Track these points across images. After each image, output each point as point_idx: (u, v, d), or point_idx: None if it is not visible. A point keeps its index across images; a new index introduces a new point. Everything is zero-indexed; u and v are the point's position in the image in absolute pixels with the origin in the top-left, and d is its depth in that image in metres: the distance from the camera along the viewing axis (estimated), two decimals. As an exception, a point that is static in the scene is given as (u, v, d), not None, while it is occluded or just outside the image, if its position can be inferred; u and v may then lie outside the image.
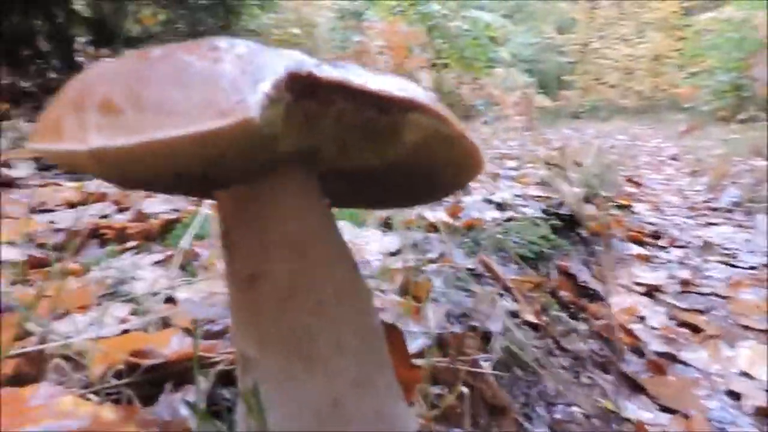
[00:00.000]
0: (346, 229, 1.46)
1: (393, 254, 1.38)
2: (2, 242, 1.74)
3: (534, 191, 2.53)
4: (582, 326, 1.48)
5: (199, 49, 0.45)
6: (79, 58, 6.17)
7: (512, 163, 3.64)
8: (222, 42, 0.48)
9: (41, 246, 1.79)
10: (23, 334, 0.78)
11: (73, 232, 1.79)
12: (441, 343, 0.94)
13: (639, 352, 1.54)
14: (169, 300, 1.03)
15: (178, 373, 0.73)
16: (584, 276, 1.75)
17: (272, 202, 0.53)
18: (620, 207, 3.35)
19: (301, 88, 0.47)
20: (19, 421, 0.57)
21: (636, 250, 2.59)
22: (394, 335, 0.66)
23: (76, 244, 1.55)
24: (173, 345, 0.77)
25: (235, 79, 0.41)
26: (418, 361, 0.81)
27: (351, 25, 13.49)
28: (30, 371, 0.72)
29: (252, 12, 11.79)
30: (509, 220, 1.89)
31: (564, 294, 1.54)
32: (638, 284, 2.08)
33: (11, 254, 1.63)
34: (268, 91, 0.41)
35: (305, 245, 0.54)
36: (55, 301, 0.86)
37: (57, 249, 1.71)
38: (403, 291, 1.08)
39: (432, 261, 1.38)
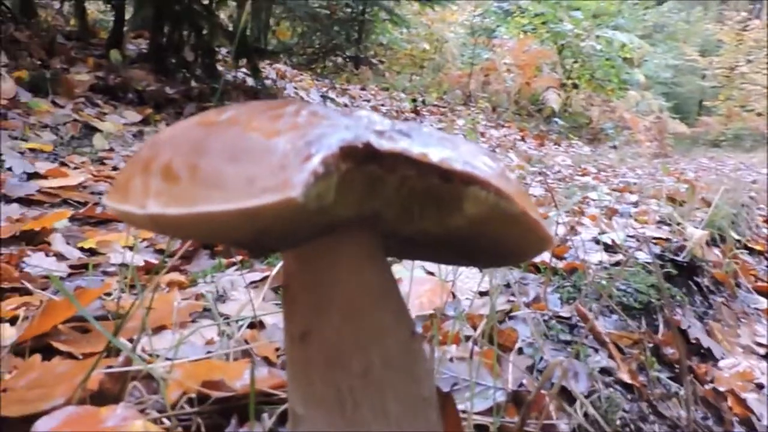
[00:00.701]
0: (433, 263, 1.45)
1: (484, 294, 1.35)
2: (123, 246, 1.88)
3: (652, 231, 2.40)
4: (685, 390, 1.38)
5: (262, 117, 0.47)
6: (220, 68, 6.58)
7: (633, 197, 3.46)
8: (289, 107, 0.50)
9: (160, 251, 1.92)
10: (112, 351, 0.83)
11: (188, 242, 1.90)
12: (516, 401, 0.91)
13: (749, 425, 1.41)
14: (257, 325, 1.07)
15: (246, 406, 0.76)
16: (696, 332, 1.63)
17: (329, 263, 0.54)
18: (752, 252, 3.09)
19: (362, 157, 0.47)
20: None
21: (765, 304, 2.37)
22: (447, 404, 0.64)
23: (180, 253, 1.64)
24: (245, 378, 0.79)
25: (284, 155, 0.42)
26: (487, 420, 0.79)
27: (481, 41, 13.48)
28: (112, 389, 0.77)
29: (384, 27, 12.10)
30: (617, 264, 1.80)
31: (669, 352, 1.44)
32: (760, 345, 1.91)
33: (130, 258, 1.75)
34: (315, 168, 0.41)
35: (357, 308, 0.54)
36: (145, 317, 0.92)
37: (171, 256, 1.83)
38: (486, 338, 1.05)
39: (525, 305, 1.34)
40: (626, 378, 1.18)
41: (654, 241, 2.21)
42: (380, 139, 0.49)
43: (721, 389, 1.39)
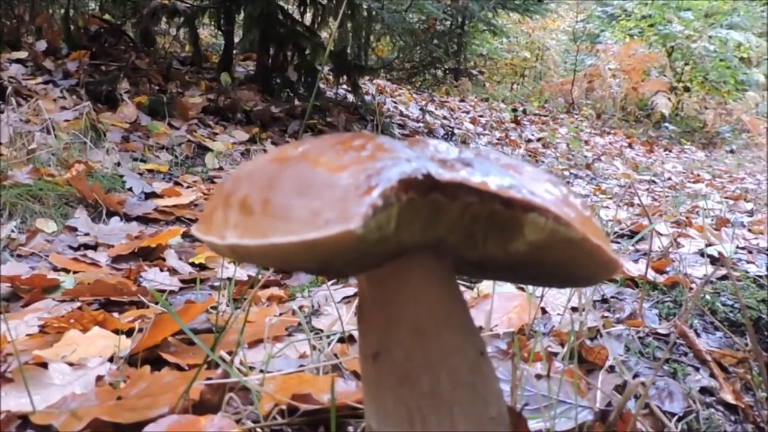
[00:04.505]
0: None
1: (576, 309, 1.34)
2: (229, 261, 1.99)
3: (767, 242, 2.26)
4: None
5: (330, 152, 0.51)
6: (321, 86, 6.80)
7: (749, 206, 3.26)
8: (357, 141, 0.53)
9: (265, 267, 2.02)
10: (212, 363, 0.90)
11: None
12: (604, 420, 0.90)
13: None
14: (346, 339, 1.12)
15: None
16: (812, 351, 1.52)
17: (397, 285, 0.57)
18: None
19: (426, 187, 0.50)
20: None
21: None
22: (520, 424, 0.65)
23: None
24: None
25: (346, 189, 0.45)
26: (570, 439, 0.78)
27: (584, 47, 13.13)
28: (212, 399, 0.83)
29: (483, 38, 12.06)
30: (724, 277, 1.71)
31: (779, 371, 1.36)
32: None
33: (237, 273, 1.86)
34: (374, 202, 0.45)
35: (425, 329, 0.56)
36: (241, 332, 0.98)
37: (277, 272, 1.92)
38: (574, 356, 1.04)
39: (619, 321, 1.31)
40: (729, 398, 1.12)
41: (768, 253, 2.08)
42: (441, 169, 0.52)
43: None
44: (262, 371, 0.89)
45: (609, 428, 0.70)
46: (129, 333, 1.23)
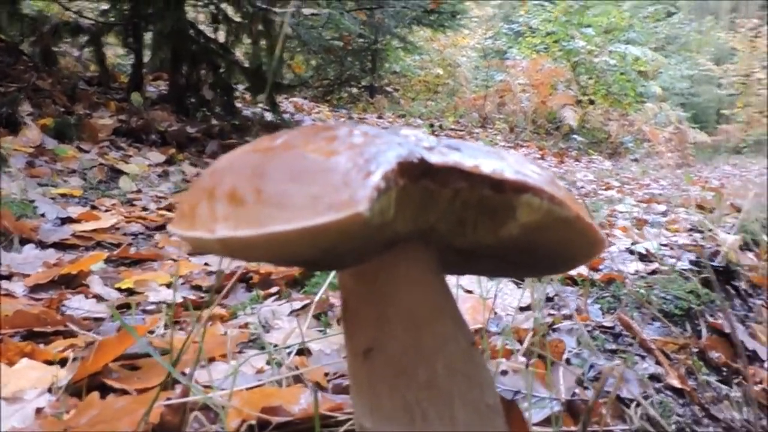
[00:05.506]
0: (477, 282, 1.45)
1: (525, 309, 1.35)
2: (161, 284, 1.90)
3: (685, 239, 2.38)
4: (736, 392, 1.36)
5: (317, 140, 0.48)
6: (238, 105, 6.68)
7: (661, 207, 3.43)
8: (340, 130, 0.51)
9: (197, 288, 1.94)
10: (168, 384, 0.85)
11: (224, 276, 1.92)
12: (572, 411, 0.91)
13: (805, 426, 1.38)
14: (303, 351, 1.08)
15: (307, 429, 0.76)
16: (740, 335, 1.60)
17: (388, 279, 0.55)
18: (787, 255, 3.04)
19: (417, 172, 0.49)
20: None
21: (805, 305, 2.33)
22: (512, 411, 0.64)
23: (226, 289, 1.66)
24: (302, 402, 0.80)
25: (346, 173, 0.43)
26: (547, 430, 0.78)
27: (494, 63, 13.56)
28: (173, 420, 0.78)
29: (397, 55, 12.24)
30: (654, 272, 1.79)
31: (715, 355, 1.42)
32: (806, 346, 1.87)
33: (169, 296, 1.78)
34: (377, 184, 0.43)
35: (419, 320, 0.54)
36: (200, 349, 0.93)
37: (209, 292, 1.85)
38: (533, 352, 1.05)
39: (566, 317, 1.33)
40: (676, 383, 1.16)
41: (688, 248, 2.19)
42: (431, 154, 0.50)
43: (772, 391, 1.37)
44: (223, 389, 0.84)
45: (589, 415, 0.70)
46: (62, 363, 1.15)
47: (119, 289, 1.92)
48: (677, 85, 18.67)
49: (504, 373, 0.96)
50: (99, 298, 1.82)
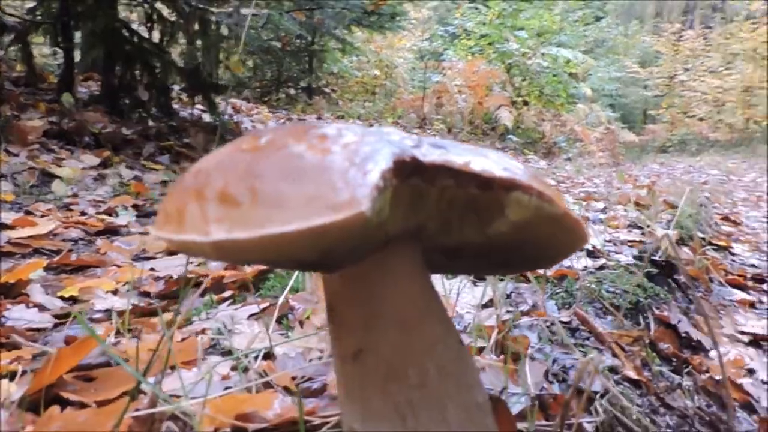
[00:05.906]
0: (436, 281, 1.45)
1: (485, 306, 1.37)
2: (106, 290, 1.84)
3: (626, 235, 2.46)
4: (686, 381, 1.41)
5: (307, 138, 0.47)
6: (175, 106, 6.52)
7: (600, 205, 3.54)
8: (329, 129, 0.50)
9: (145, 294, 1.88)
10: (136, 393, 0.81)
11: (173, 282, 1.87)
12: (542, 405, 0.92)
13: (750, 408, 1.45)
14: (269, 356, 1.06)
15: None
16: (685, 326, 1.67)
17: (377, 280, 0.54)
18: (718, 249, 3.19)
19: (407, 171, 0.48)
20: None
21: (738, 295, 2.44)
22: (500, 409, 0.65)
23: (182, 295, 1.61)
24: (276, 408, 0.78)
25: (345, 172, 0.43)
26: (521, 425, 0.79)
27: (431, 65, 13.69)
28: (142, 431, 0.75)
29: (334, 56, 12.21)
30: (602, 268, 1.84)
31: (664, 346, 1.47)
32: (743, 333, 1.97)
33: (116, 303, 1.72)
34: (376, 183, 0.42)
35: (408, 321, 0.54)
36: (163, 357, 0.90)
37: (160, 298, 1.80)
38: (499, 348, 1.06)
39: (524, 313, 1.36)
40: (632, 374, 1.20)
41: (629, 244, 2.26)
42: (422, 153, 0.50)
43: (718, 378, 1.43)
44: (194, 397, 0.81)
45: (566, 408, 0.72)
46: (11, 377, 1.09)
47: (62, 298, 1.84)
48: (606, 86, 19.32)
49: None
50: (41, 308, 1.75)
